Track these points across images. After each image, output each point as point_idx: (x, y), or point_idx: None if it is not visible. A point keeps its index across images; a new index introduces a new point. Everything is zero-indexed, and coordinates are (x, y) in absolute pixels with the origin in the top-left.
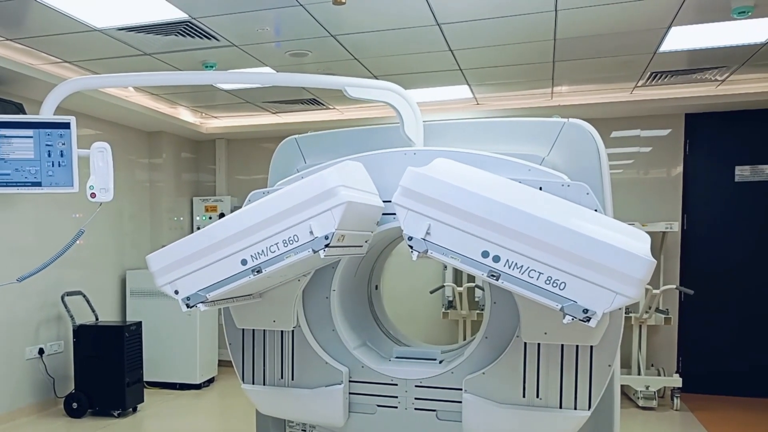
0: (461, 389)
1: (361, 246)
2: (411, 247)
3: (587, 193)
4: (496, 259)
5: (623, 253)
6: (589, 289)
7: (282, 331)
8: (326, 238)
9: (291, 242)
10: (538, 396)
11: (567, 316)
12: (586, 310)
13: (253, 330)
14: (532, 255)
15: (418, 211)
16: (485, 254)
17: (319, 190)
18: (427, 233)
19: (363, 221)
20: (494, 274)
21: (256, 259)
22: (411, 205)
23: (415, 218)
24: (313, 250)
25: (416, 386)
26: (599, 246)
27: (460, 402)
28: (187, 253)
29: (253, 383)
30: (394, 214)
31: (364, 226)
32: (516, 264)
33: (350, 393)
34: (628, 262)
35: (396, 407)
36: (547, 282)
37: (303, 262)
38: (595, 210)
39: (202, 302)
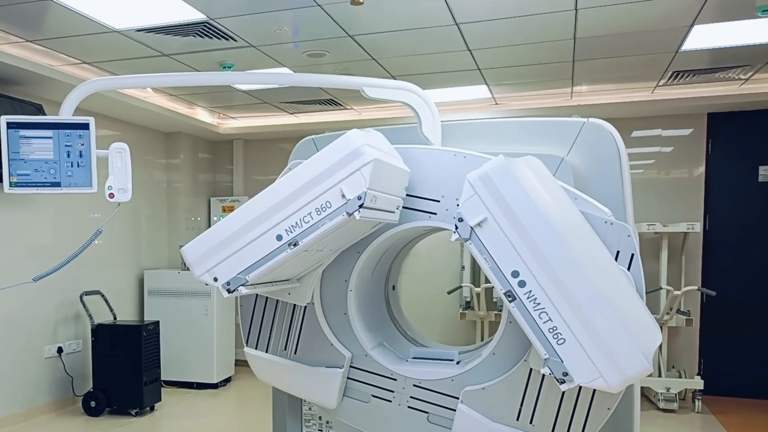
0: (458, 398)
1: (393, 212)
2: (456, 227)
3: (628, 236)
4: (522, 284)
5: (631, 347)
6: (581, 358)
7: (295, 305)
8: (359, 198)
9: (324, 209)
10: (531, 422)
11: (546, 368)
12: (566, 374)
13: (267, 297)
14: (555, 300)
15: (483, 200)
16: (515, 274)
17: (344, 152)
18: (479, 224)
19: (392, 183)
20: (511, 295)
21: (291, 232)
22: (481, 190)
23: (476, 204)
24: (347, 213)
25: (414, 385)
26: (617, 328)
27: (454, 410)
28: (222, 238)
29: (256, 348)
30: (418, 210)
31: (394, 190)
32: (536, 299)
33: (348, 378)
34: (629, 357)
35: (390, 401)
36: (551, 330)
37: (339, 231)
38: (632, 254)
39: (242, 285)
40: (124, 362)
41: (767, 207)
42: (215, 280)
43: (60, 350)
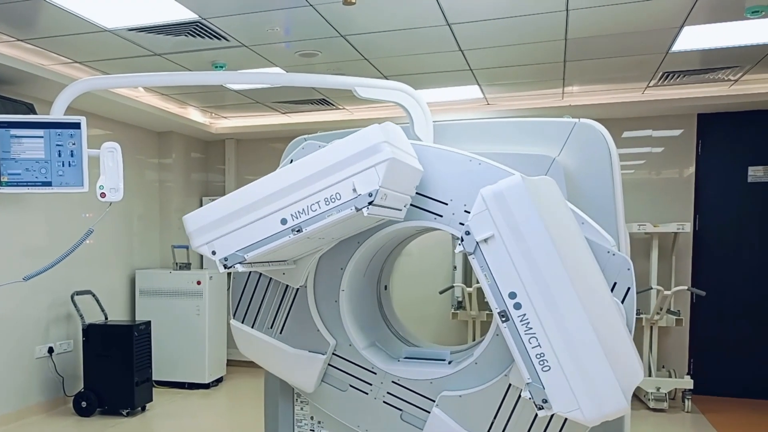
0: (434, 401)
1: (400, 210)
2: (462, 239)
3: (628, 269)
4: (518, 306)
5: (613, 385)
6: (563, 387)
7: (287, 285)
8: (370, 195)
9: (333, 200)
10: None
11: (527, 392)
12: (545, 401)
13: (261, 273)
14: (547, 328)
15: (494, 217)
16: (512, 295)
17: (362, 146)
18: (485, 241)
19: (404, 182)
20: (505, 316)
21: (297, 218)
22: (493, 207)
23: (486, 220)
24: (356, 207)
25: (393, 382)
26: (602, 364)
27: (428, 412)
28: (226, 213)
29: (243, 322)
30: (425, 209)
31: (405, 188)
32: (528, 323)
33: (329, 364)
34: (610, 394)
35: (367, 393)
36: (538, 356)
37: (344, 223)
38: (629, 288)
39: (239, 263)
40: (115, 362)
41: (756, 207)
42: (213, 253)
43: (51, 350)
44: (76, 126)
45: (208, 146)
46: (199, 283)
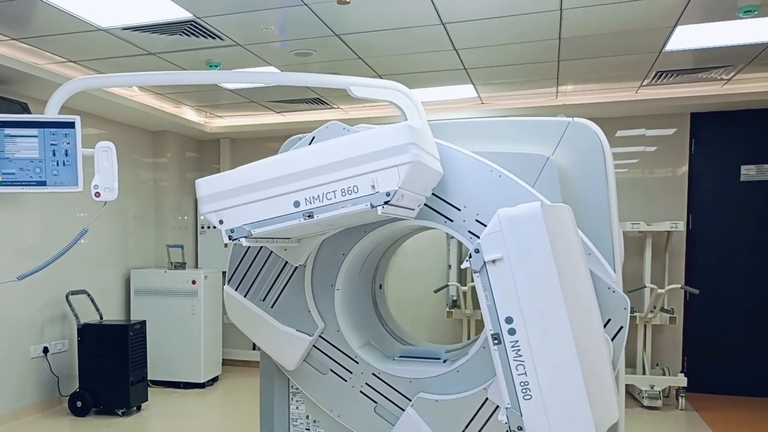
0: (410, 400)
1: (413, 209)
2: (470, 256)
3: (624, 308)
4: (512, 332)
5: (589, 425)
6: (540, 418)
7: (286, 262)
8: (388, 195)
9: (350, 192)
10: None
11: (503, 416)
12: (520, 428)
13: (262, 246)
14: (537, 358)
15: (506, 241)
16: (509, 320)
17: (388, 144)
18: (492, 261)
19: (422, 183)
20: (498, 339)
21: (310, 203)
22: (507, 230)
23: (497, 241)
24: (371, 204)
25: (373, 374)
26: (582, 401)
27: (402, 409)
28: (240, 185)
29: (236, 290)
30: (437, 211)
31: (422, 189)
32: (519, 350)
33: (314, 346)
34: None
35: (346, 381)
36: (522, 384)
37: (355, 215)
38: (621, 327)
39: (245, 237)
40: (110, 362)
41: (749, 206)
42: (221, 222)
43: (46, 350)
44: (71, 125)
45: (203, 145)
46: (194, 282)
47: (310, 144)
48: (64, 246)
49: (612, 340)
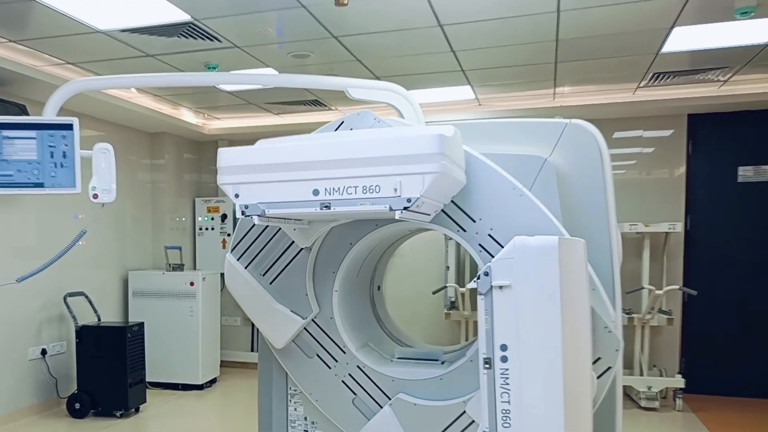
0: (389, 398)
1: (429, 215)
2: (478, 278)
3: (616, 350)
4: (504, 359)
5: None
6: None
7: (293, 241)
8: (408, 201)
9: (371, 191)
10: None
11: None
12: None
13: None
14: (523, 392)
15: (517, 270)
16: (504, 347)
17: (418, 151)
18: (501, 287)
19: (444, 192)
20: (489, 364)
21: (330, 194)
22: (520, 259)
23: (508, 268)
24: (391, 207)
25: (357, 366)
26: None
27: (380, 406)
28: (262, 162)
29: (238, 260)
30: (452, 218)
31: (443, 197)
32: (507, 379)
33: (305, 329)
34: None
35: (330, 368)
36: (503, 412)
37: (371, 212)
38: (609, 368)
39: (258, 215)
40: (108, 364)
41: (747, 207)
42: (236, 196)
43: (44, 352)
44: (69, 127)
45: (201, 147)
46: (192, 284)
47: (337, 129)
48: (61, 247)
49: (598, 378)
